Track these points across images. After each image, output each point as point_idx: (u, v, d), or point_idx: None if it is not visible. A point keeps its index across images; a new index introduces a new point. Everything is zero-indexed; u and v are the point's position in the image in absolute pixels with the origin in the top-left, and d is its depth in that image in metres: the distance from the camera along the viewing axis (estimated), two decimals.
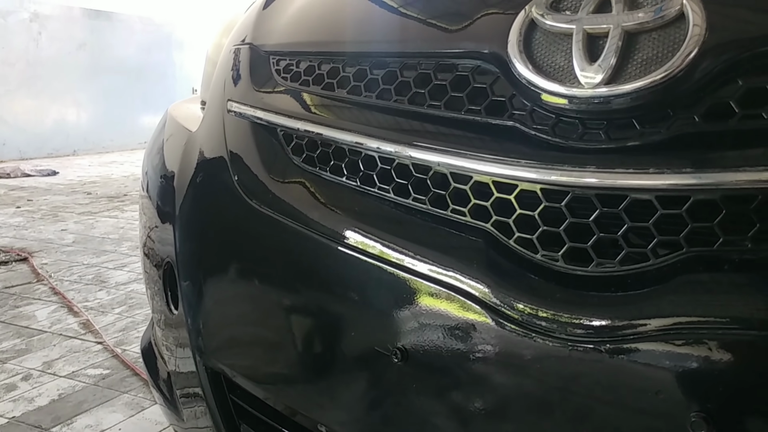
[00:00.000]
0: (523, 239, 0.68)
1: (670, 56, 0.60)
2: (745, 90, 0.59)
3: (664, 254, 0.61)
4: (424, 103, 0.77)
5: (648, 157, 0.61)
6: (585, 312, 0.62)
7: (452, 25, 0.79)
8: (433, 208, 0.75)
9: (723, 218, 0.59)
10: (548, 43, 0.67)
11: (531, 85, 0.67)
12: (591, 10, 0.65)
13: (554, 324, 0.63)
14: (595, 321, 0.61)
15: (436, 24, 0.82)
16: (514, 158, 0.68)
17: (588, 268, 0.64)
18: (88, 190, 6.69)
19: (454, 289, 0.70)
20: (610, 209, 0.63)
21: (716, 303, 0.58)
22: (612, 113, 0.63)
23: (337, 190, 0.85)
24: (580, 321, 0.62)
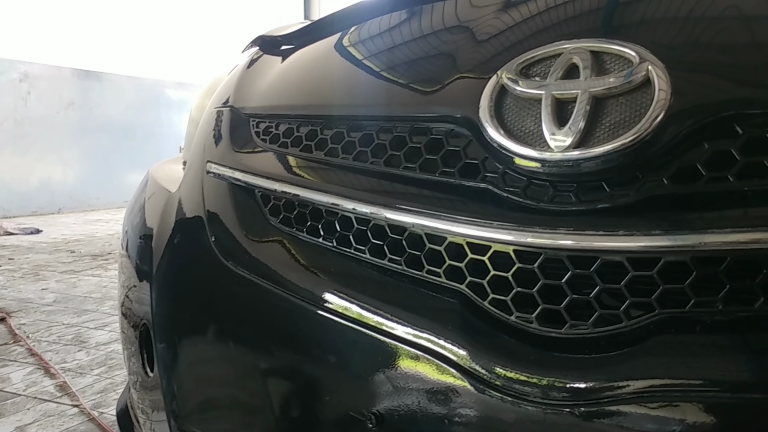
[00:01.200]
0: (497, 301, 0.68)
1: (638, 120, 0.62)
2: (711, 153, 0.60)
3: (637, 316, 0.61)
4: (400, 165, 0.78)
5: (618, 219, 0.62)
6: (558, 375, 0.61)
7: (427, 89, 0.81)
8: (408, 269, 0.75)
9: (694, 280, 0.59)
10: (518, 108, 0.69)
11: (502, 149, 0.68)
12: (559, 76, 0.66)
13: (528, 387, 0.62)
14: (568, 384, 0.61)
15: (411, 88, 0.84)
16: (487, 220, 0.68)
17: (562, 330, 0.64)
18: (72, 248, 6.63)
19: (429, 351, 0.69)
20: (582, 271, 0.63)
21: (689, 365, 0.58)
22: (582, 176, 0.64)
23: (314, 251, 0.85)
24: (553, 384, 0.61)
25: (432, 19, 0.91)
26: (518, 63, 0.70)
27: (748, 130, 0.59)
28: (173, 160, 1.56)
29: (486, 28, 0.80)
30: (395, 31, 0.95)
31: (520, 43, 0.74)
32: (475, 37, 0.80)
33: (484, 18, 0.82)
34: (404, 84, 0.85)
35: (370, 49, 0.96)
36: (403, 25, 0.96)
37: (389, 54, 0.92)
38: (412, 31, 0.92)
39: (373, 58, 0.94)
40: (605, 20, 0.70)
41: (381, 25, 1.00)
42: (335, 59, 1.02)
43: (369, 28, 1.01)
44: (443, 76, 0.79)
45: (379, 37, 0.98)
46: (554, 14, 0.75)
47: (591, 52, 0.66)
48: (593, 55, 0.66)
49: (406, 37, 0.92)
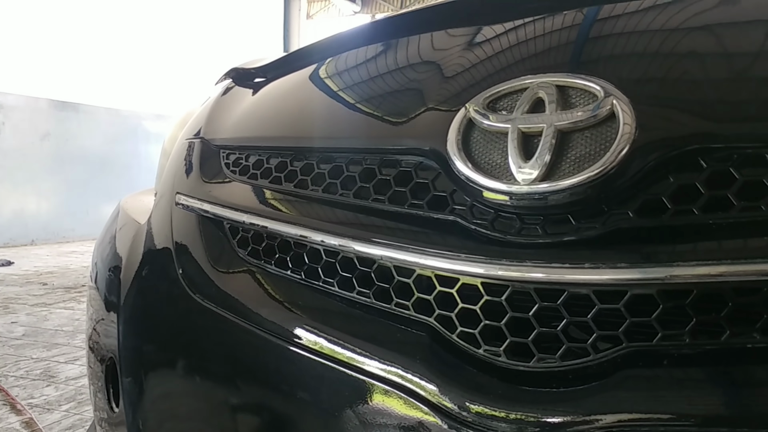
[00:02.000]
0: (465, 334, 0.67)
1: (603, 154, 0.62)
2: (676, 186, 0.61)
3: (605, 349, 0.61)
4: (369, 197, 0.78)
5: (584, 252, 0.62)
6: (525, 409, 0.61)
7: (396, 122, 0.81)
8: (377, 302, 0.74)
9: (660, 313, 0.59)
10: (486, 142, 0.69)
11: (470, 182, 0.68)
12: (525, 110, 0.67)
13: (495, 422, 0.61)
14: (535, 418, 0.60)
15: (381, 121, 0.84)
16: (456, 252, 0.68)
17: (530, 364, 0.64)
18: (45, 280, 6.52)
19: (397, 386, 0.68)
20: (549, 303, 0.63)
21: (656, 399, 0.57)
22: (548, 209, 0.65)
23: (282, 283, 0.84)
24: (520, 418, 0.61)
25: (402, 53, 0.92)
26: (485, 97, 0.70)
27: (711, 164, 0.60)
28: (145, 192, 1.55)
29: (454, 63, 0.81)
30: (366, 65, 0.96)
31: (487, 77, 0.75)
32: (444, 71, 0.81)
33: (452, 52, 0.83)
34: (374, 117, 0.85)
35: (341, 82, 0.97)
36: (373, 58, 0.96)
37: (360, 87, 0.92)
38: (383, 64, 0.93)
39: (344, 91, 0.94)
40: (571, 55, 0.71)
41: (352, 58, 1.00)
42: (306, 92, 1.02)
43: (340, 61, 1.01)
44: (412, 109, 0.80)
45: (350, 70, 0.98)
46: (521, 49, 0.76)
47: (557, 87, 0.66)
48: (559, 90, 0.66)
49: (376, 71, 0.93)
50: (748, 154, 0.59)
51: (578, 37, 0.73)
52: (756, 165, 0.59)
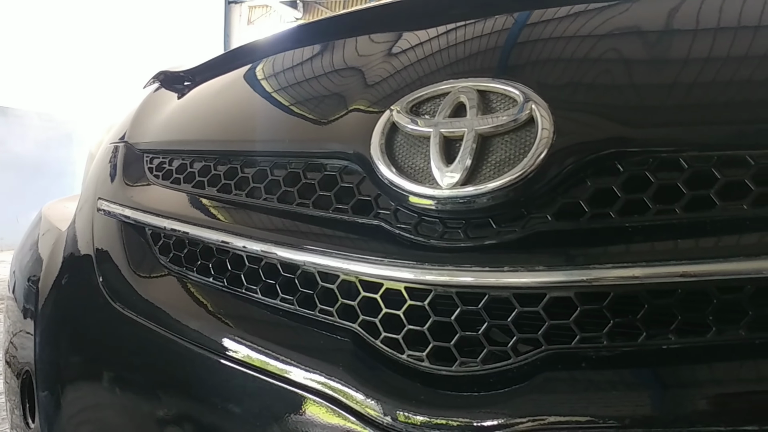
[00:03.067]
0: (389, 339, 0.67)
1: (522, 158, 0.63)
2: (593, 190, 0.61)
3: (525, 352, 0.61)
4: (293, 202, 0.77)
5: (505, 256, 0.62)
6: (446, 414, 0.60)
7: (321, 126, 0.80)
8: (301, 308, 0.73)
9: (578, 315, 0.60)
10: (409, 146, 0.69)
11: (393, 186, 0.67)
12: (447, 114, 0.67)
13: (416, 427, 0.61)
14: (456, 423, 0.60)
15: (305, 124, 0.83)
16: (379, 257, 0.67)
17: (452, 368, 0.63)
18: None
19: (319, 393, 0.67)
20: (471, 307, 0.63)
21: (574, 401, 0.57)
22: (470, 213, 0.64)
23: (204, 291, 0.82)
24: (442, 423, 0.60)
25: (328, 56, 0.91)
26: (409, 101, 0.70)
27: (628, 168, 0.61)
28: (69, 198, 1.50)
29: (379, 67, 0.80)
30: (292, 69, 0.95)
31: (411, 81, 0.74)
32: (369, 75, 0.80)
33: (377, 57, 0.83)
34: (299, 120, 0.84)
35: (267, 86, 0.95)
36: (299, 62, 0.95)
37: (285, 91, 0.91)
38: (309, 68, 0.92)
39: (269, 94, 0.92)
40: (492, 60, 0.71)
41: (278, 62, 0.99)
42: (232, 95, 1.00)
43: (266, 65, 1.00)
44: (337, 112, 0.79)
45: (275, 74, 0.97)
46: (444, 54, 0.76)
47: (478, 91, 0.67)
48: (480, 94, 0.67)
49: (302, 74, 0.92)
50: (664, 158, 0.60)
51: (500, 43, 0.73)
52: (671, 169, 0.60)
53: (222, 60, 1.15)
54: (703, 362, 0.56)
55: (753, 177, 0.57)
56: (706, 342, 0.57)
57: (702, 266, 0.56)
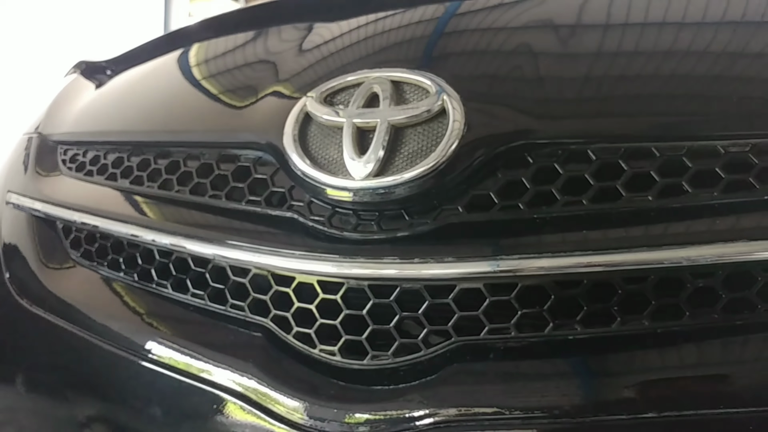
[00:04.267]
0: (301, 334, 0.66)
1: (434, 149, 0.62)
2: (503, 182, 0.62)
3: (435, 344, 0.61)
4: (206, 194, 0.75)
5: (416, 248, 0.61)
6: (357, 408, 0.60)
7: (236, 116, 0.78)
8: (212, 304, 0.71)
9: (487, 307, 0.60)
10: (322, 136, 0.68)
11: (306, 177, 0.66)
12: (360, 105, 0.66)
13: (326, 422, 0.60)
14: (366, 417, 0.59)
15: (219, 115, 0.81)
16: (292, 250, 0.66)
17: (364, 362, 0.63)
18: None
19: (230, 391, 0.65)
20: (383, 300, 0.62)
21: (482, 392, 0.57)
22: (383, 205, 0.64)
23: (115, 286, 0.79)
24: (352, 417, 0.59)
25: (245, 47, 0.89)
26: (322, 91, 0.69)
27: (537, 160, 0.61)
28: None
29: (295, 56, 0.79)
30: (208, 59, 0.92)
31: (326, 71, 0.73)
32: (285, 65, 0.79)
33: (293, 47, 0.81)
34: (213, 110, 0.82)
35: (182, 76, 0.93)
36: (216, 52, 0.93)
37: (200, 81, 0.88)
38: (225, 58, 0.90)
39: (185, 84, 0.90)
40: (407, 51, 0.71)
41: (196, 52, 0.96)
42: (148, 85, 0.98)
43: (184, 55, 0.97)
44: (252, 103, 0.77)
45: (192, 64, 0.94)
46: (361, 44, 0.75)
47: (392, 82, 0.66)
48: (394, 85, 0.66)
49: (217, 65, 0.89)
50: (572, 150, 0.61)
51: (415, 34, 0.73)
52: (579, 161, 0.60)
53: (142, 50, 1.11)
54: (609, 352, 0.57)
55: (658, 169, 0.58)
56: (611, 332, 0.57)
57: (607, 257, 0.57)
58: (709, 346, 0.55)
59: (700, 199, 0.57)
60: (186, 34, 1.05)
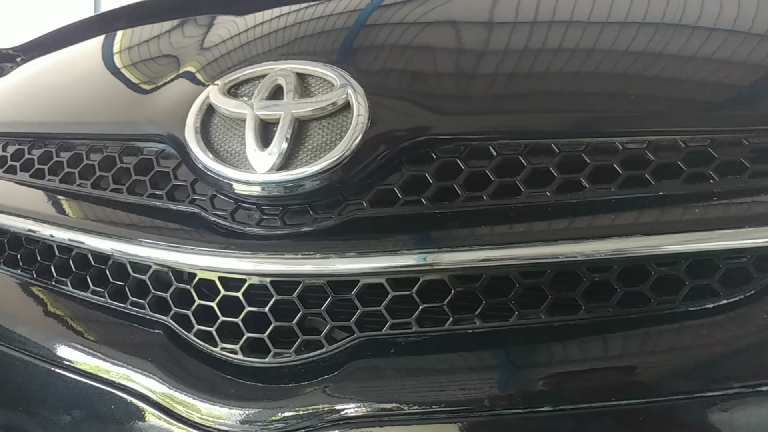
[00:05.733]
0: (203, 332, 0.64)
1: (337, 143, 0.61)
2: (407, 177, 0.61)
3: (338, 340, 0.60)
4: (107, 188, 0.72)
5: (318, 243, 0.61)
6: (255, 406, 0.59)
7: (140, 106, 0.76)
8: (112, 301, 0.69)
9: (390, 302, 0.59)
10: (225, 128, 0.66)
11: (208, 171, 0.64)
12: (264, 96, 0.64)
13: (224, 421, 0.58)
14: (264, 415, 0.58)
15: (124, 106, 0.78)
16: (193, 246, 0.64)
17: (266, 360, 0.62)
18: None
19: (130, 392, 0.63)
20: (285, 297, 0.61)
21: (382, 388, 0.57)
22: (287, 199, 0.63)
23: (11, 284, 0.75)
24: (250, 416, 0.58)
25: (152, 36, 0.87)
26: (226, 82, 0.67)
27: (440, 155, 0.61)
28: None
29: (202, 47, 0.77)
30: (115, 48, 0.89)
31: (232, 62, 0.72)
32: (191, 56, 0.77)
33: (200, 37, 0.79)
34: (118, 101, 0.79)
35: (87, 66, 0.89)
36: (123, 42, 0.90)
37: (104, 71, 0.85)
38: (131, 48, 0.87)
39: (89, 75, 0.87)
40: (313, 44, 0.70)
41: (103, 42, 0.93)
42: (53, 74, 0.94)
43: (91, 45, 0.94)
44: (156, 94, 0.75)
45: (98, 54, 0.91)
46: (268, 36, 0.74)
47: (297, 74, 0.65)
48: (299, 77, 0.65)
49: (124, 55, 0.86)
50: (475, 146, 0.61)
51: (323, 28, 0.72)
52: (481, 157, 0.61)
53: (52, 37, 1.07)
54: (507, 346, 0.57)
55: (557, 165, 0.59)
56: (509, 325, 0.58)
57: (505, 251, 0.57)
58: (605, 339, 0.56)
59: (598, 195, 0.58)
60: (96, 22, 1.02)
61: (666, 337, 0.55)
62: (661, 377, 0.54)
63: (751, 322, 0.55)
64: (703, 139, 0.59)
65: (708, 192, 0.57)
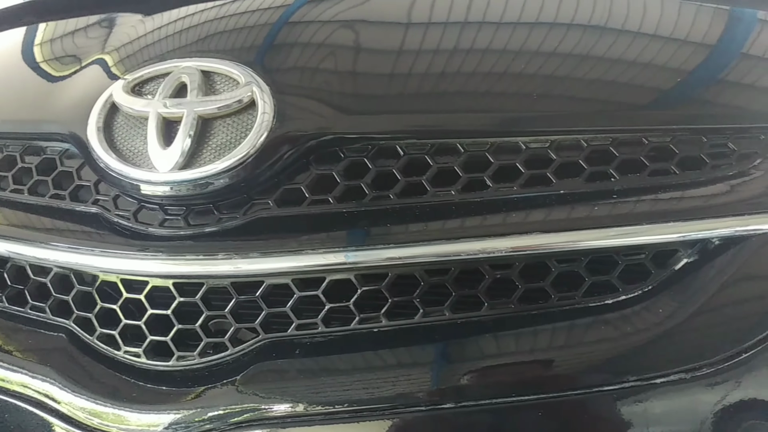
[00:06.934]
0: (106, 336, 0.62)
1: (242, 142, 0.60)
2: (315, 176, 0.61)
3: (243, 342, 0.59)
4: (7, 188, 0.70)
5: (222, 243, 0.60)
6: (157, 411, 0.57)
7: (43, 105, 0.73)
8: (11, 306, 0.66)
9: (297, 302, 0.59)
10: (129, 127, 0.64)
11: (110, 170, 0.63)
12: (168, 94, 0.63)
13: (125, 426, 0.57)
14: (165, 420, 0.57)
15: (28, 104, 0.75)
16: (95, 247, 0.62)
17: (169, 363, 0.60)
18: None
19: (28, 399, 0.61)
20: (189, 299, 0.60)
21: (286, 390, 0.56)
22: (190, 199, 0.61)
23: None
24: (151, 421, 0.57)
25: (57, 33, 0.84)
26: (130, 80, 0.65)
27: (348, 155, 0.61)
28: None
29: (107, 45, 0.75)
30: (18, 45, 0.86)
31: (137, 60, 0.70)
32: (95, 54, 0.74)
33: (105, 35, 0.77)
34: (20, 99, 0.76)
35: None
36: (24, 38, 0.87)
37: (7, 68, 0.82)
38: (35, 45, 0.84)
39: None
40: (220, 41, 0.68)
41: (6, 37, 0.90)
42: None
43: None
44: (59, 92, 0.72)
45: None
46: (174, 33, 0.72)
47: (201, 72, 0.63)
48: (204, 75, 0.63)
49: (27, 52, 0.83)
50: (382, 145, 0.61)
51: (230, 25, 0.70)
52: (388, 156, 0.61)
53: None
54: (411, 344, 0.57)
55: (462, 164, 0.59)
56: (414, 324, 0.58)
57: (409, 250, 0.57)
58: (506, 336, 0.56)
59: (501, 194, 0.59)
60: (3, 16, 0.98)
61: (566, 332, 0.56)
62: (559, 373, 0.55)
63: (648, 317, 0.56)
64: (604, 139, 0.60)
65: (608, 190, 0.58)
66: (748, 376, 0.54)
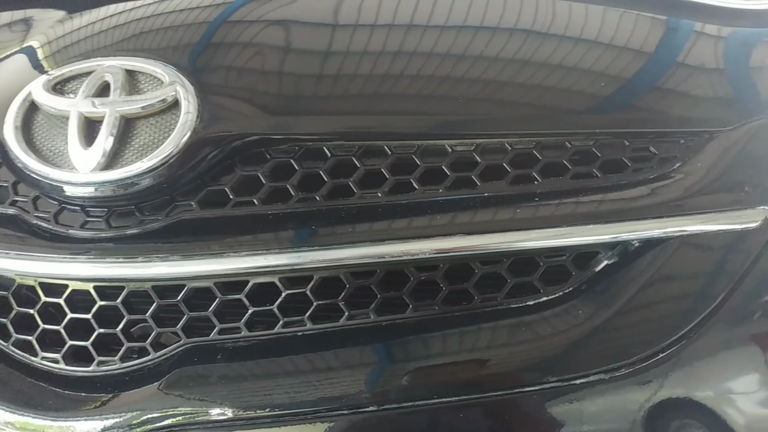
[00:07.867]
0: (22, 341, 0.60)
1: (164, 142, 0.59)
2: (240, 177, 0.60)
3: (164, 347, 0.58)
4: None
5: (143, 246, 0.58)
6: (73, 418, 0.56)
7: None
8: None
9: (218, 306, 0.58)
10: (49, 126, 0.63)
11: (30, 171, 0.61)
12: (90, 94, 0.61)
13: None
14: (85, 426, 0.55)
15: None
16: (13, 250, 0.61)
17: (89, 368, 0.59)
18: None
19: None
20: (110, 302, 0.59)
21: (207, 395, 0.56)
22: (112, 200, 0.60)
23: None
24: (69, 428, 0.55)
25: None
26: (51, 78, 0.63)
27: (274, 156, 0.60)
28: None
29: (28, 42, 0.73)
30: None
31: (60, 58, 0.68)
32: (12, 50, 0.72)
33: (24, 31, 0.75)
34: None
35: None
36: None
37: None
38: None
39: None
40: (145, 40, 0.67)
41: None
42: None
43: None
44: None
45: None
46: (99, 31, 0.70)
47: (125, 71, 0.62)
48: (127, 74, 0.62)
49: None
50: (309, 147, 0.60)
51: (157, 24, 0.69)
52: (315, 158, 0.60)
53: None
54: (336, 347, 0.57)
55: (389, 167, 0.59)
56: (338, 326, 0.57)
57: (335, 252, 0.57)
58: (430, 337, 0.57)
59: (427, 196, 0.59)
60: None
61: (489, 334, 0.57)
62: (482, 374, 0.56)
63: (568, 318, 0.57)
64: (528, 142, 0.61)
65: (531, 193, 0.59)
66: (665, 376, 0.56)
